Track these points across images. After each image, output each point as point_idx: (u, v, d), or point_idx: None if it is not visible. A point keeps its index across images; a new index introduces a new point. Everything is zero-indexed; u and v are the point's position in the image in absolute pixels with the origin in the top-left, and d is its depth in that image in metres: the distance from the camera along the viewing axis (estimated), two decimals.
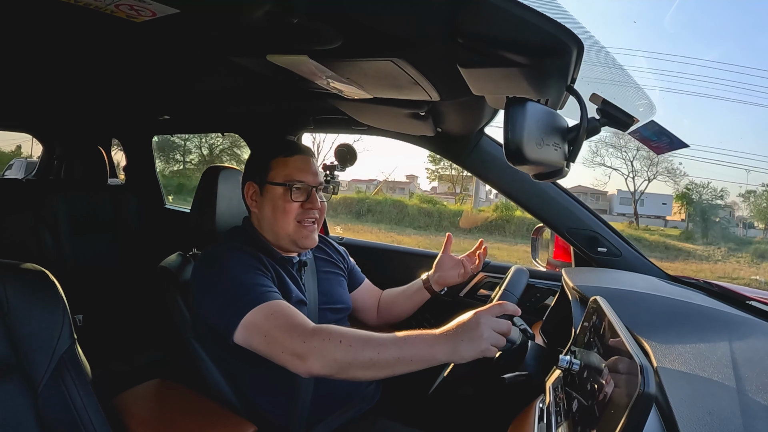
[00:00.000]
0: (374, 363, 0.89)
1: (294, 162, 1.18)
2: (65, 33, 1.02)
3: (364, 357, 0.89)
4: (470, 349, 0.85)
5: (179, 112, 2.17)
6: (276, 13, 0.72)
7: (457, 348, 0.86)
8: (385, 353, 0.89)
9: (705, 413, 0.64)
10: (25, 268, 0.93)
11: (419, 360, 0.88)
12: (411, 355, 0.88)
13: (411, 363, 0.89)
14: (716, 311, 1.02)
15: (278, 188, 1.16)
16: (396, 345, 0.89)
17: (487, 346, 0.85)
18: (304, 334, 0.94)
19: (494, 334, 0.86)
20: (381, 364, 0.89)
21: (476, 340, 0.85)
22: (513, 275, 1.13)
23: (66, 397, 0.88)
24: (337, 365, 0.90)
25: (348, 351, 0.90)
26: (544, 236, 1.80)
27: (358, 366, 0.90)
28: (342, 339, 0.91)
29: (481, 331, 0.85)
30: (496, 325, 0.86)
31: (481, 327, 0.86)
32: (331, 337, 0.92)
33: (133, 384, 1.12)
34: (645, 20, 26.12)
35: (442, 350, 0.87)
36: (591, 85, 0.79)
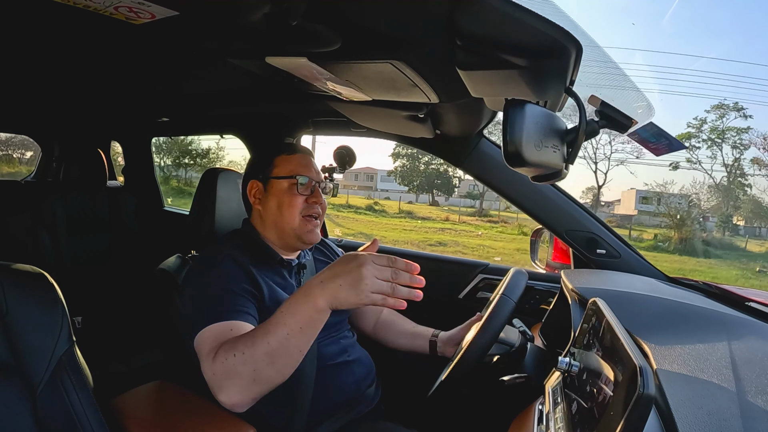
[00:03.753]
0: (273, 354, 0.83)
1: (297, 159, 1.21)
2: (64, 35, 1.02)
3: (260, 355, 0.83)
4: (350, 296, 0.78)
5: (178, 114, 2.17)
6: (275, 15, 0.72)
7: (336, 295, 0.80)
8: (274, 338, 0.83)
9: (704, 414, 0.64)
10: (24, 270, 0.92)
11: (307, 321, 0.82)
12: (297, 322, 0.82)
13: (303, 330, 0.82)
14: (715, 312, 1.02)
15: (283, 182, 1.18)
16: (280, 323, 0.83)
17: (367, 294, 0.77)
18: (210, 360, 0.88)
19: (377, 282, 0.78)
20: (279, 351, 0.83)
21: (356, 286, 0.78)
22: (512, 278, 1.13)
23: (64, 399, 0.88)
24: (249, 379, 0.84)
25: (247, 360, 0.84)
26: (543, 238, 1.81)
27: (263, 366, 0.83)
28: (236, 351, 0.85)
29: (362, 276, 0.77)
30: (380, 273, 0.78)
31: (362, 271, 0.78)
32: (231, 352, 0.85)
33: (131, 386, 1.12)
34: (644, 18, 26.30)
35: (323, 300, 0.80)
36: (590, 87, 0.80)
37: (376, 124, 1.58)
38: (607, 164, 20.09)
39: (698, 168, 18.75)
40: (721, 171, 18.55)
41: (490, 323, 1.02)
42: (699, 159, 18.49)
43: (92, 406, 0.91)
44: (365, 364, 1.25)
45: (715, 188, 18.57)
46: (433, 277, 1.81)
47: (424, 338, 1.37)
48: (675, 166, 18.62)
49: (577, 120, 0.74)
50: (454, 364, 1.04)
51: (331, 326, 1.22)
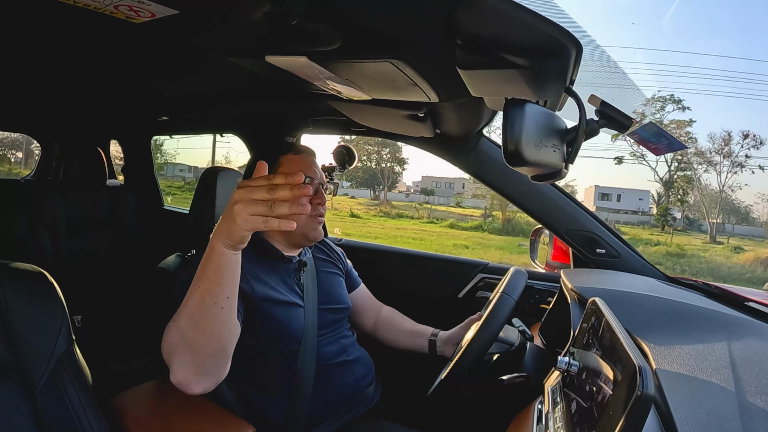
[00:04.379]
0: (193, 314, 0.81)
1: (303, 159, 1.22)
2: (64, 34, 1.02)
3: (184, 319, 0.82)
4: (231, 225, 0.75)
5: (177, 113, 2.17)
6: (275, 14, 0.72)
7: (221, 228, 0.77)
8: (191, 297, 0.81)
9: (704, 414, 0.64)
10: (24, 269, 0.92)
11: (211, 267, 0.79)
12: (204, 273, 0.80)
13: (211, 278, 0.80)
14: (715, 312, 1.02)
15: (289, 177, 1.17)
16: (194, 282, 0.82)
17: (245, 219, 0.74)
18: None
19: (251, 205, 0.74)
20: (197, 308, 0.80)
21: (231, 214, 0.75)
22: (511, 277, 1.13)
23: (64, 398, 0.88)
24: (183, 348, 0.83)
25: (175, 329, 0.83)
26: (542, 238, 1.81)
27: (188, 332, 0.81)
28: (169, 324, 0.84)
29: (234, 214, 0.75)
30: (254, 194, 0.74)
31: (234, 197, 0.76)
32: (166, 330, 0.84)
33: (131, 385, 1.12)
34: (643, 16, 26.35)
35: (215, 240, 0.78)
36: (590, 87, 0.80)
37: (375, 124, 1.57)
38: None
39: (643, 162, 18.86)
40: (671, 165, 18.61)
41: (490, 322, 1.02)
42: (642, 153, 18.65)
43: (92, 405, 0.91)
44: (364, 363, 1.25)
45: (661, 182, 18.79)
46: (433, 276, 1.83)
47: (424, 337, 1.37)
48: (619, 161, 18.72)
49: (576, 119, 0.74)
50: (453, 363, 1.04)
51: (330, 325, 1.22)
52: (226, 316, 0.82)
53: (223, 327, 0.83)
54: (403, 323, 1.44)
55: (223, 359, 0.87)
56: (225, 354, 0.87)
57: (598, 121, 0.78)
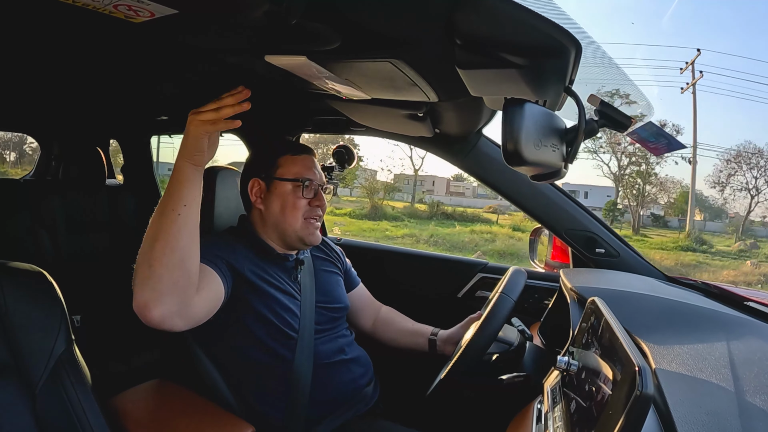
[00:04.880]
0: (154, 225, 0.88)
1: (303, 160, 1.21)
2: (63, 33, 1.02)
3: (146, 236, 0.89)
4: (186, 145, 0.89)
5: (177, 112, 2.16)
6: (274, 13, 0.72)
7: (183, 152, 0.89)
8: (157, 215, 0.88)
9: (703, 414, 0.64)
10: (23, 269, 0.92)
11: (172, 182, 0.89)
12: (170, 190, 0.88)
13: (171, 188, 0.89)
14: (714, 312, 1.02)
15: (288, 184, 1.18)
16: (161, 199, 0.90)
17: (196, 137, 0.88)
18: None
19: (201, 124, 0.88)
20: (155, 220, 0.88)
21: (187, 137, 0.89)
22: (510, 277, 1.13)
23: (64, 398, 0.88)
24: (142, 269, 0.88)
25: (140, 252, 0.89)
26: (542, 237, 1.81)
27: (150, 245, 0.88)
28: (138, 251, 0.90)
29: (188, 128, 0.88)
30: (203, 116, 0.88)
31: (188, 123, 0.89)
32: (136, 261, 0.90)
33: (131, 384, 1.12)
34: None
35: (179, 159, 0.89)
36: (589, 87, 0.80)
37: (375, 123, 1.57)
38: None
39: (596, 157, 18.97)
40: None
41: (489, 322, 1.02)
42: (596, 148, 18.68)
43: (91, 405, 0.91)
44: (363, 362, 1.25)
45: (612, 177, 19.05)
46: (432, 276, 1.83)
47: (424, 336, 1.37)
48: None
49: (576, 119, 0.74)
50: (452, 362, 1.04)
51: (328, 324, 1.22)
52: (184, 223, 0.88)
53: (180, 234, 0.87)
54: (403, 322, 1.44)
55: (182, 275, 0.88)
56: (185, 270, 0.89)
57: (597, 121, 0.78)
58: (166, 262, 0.86)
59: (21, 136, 16.82)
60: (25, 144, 18.18)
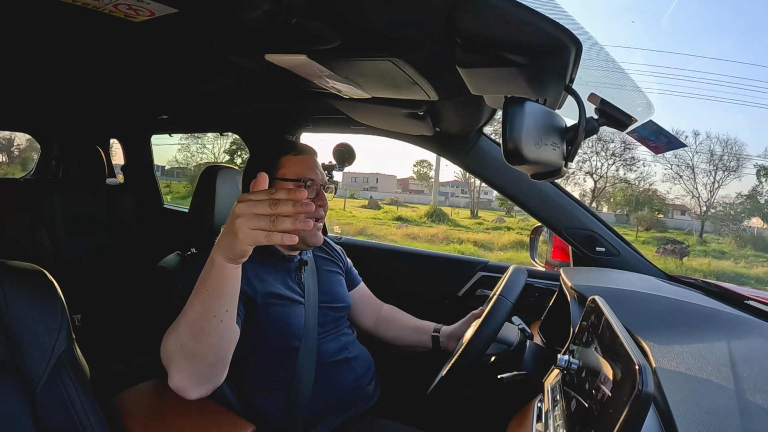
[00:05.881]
0: (193, 325, 0.81)
1: (304, 160, 1.20)
2: (63, 32, 1.02)
3: (183, 329, 0.82)
4: (233, 240, 0.74)
5: (177, 111, 2.17)
6: (274, 12, 0.72)
7: (222, 243, 0.77)
8: (191, 308, 0.81)
9: (703, 412, 0.64)
10: (24, 268, 0.92)
11: (211, 281, 0.79)
12: (204, 286, 0.80)
13: (210, 291, 0.79)
14: (714, 311, 1.02)
15: (289, 184, 1.17)
16: (194, 293, 0.81)
17: (246, 233, 0.72)
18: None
19: (253, 219, 0.72)
20: (196, 320, 0.81)
21: (233, 228, 0.73)
22: (510, 276, 1.13)
23: (64, 397, 0.88)
24: (180, 356, 0.84)
25: (175, 337, 0.83)
26: (542, 236, 1.81)
27: (187, 341, 0.82)
28: (170, 330, 0.84)
29: (236, 229, 0.73)
30: (255, 208, 0.73)
31: (234, 211, 0.74)
32: (165, 336, 0.85)
33: (131, 384, 1.12)
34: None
35: (216, 254, 0.78)
36: (589, 85, 0.80)
37: (375, 122, 1.57)
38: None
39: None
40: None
41: (487, 324, 1.03)
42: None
43: (91, 404, 0.91)
44: (365, 361, 1.25)
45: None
46: (433, 274, 1.83)
47: (427, 333, 1.37)
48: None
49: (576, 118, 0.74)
50: (452, 362, 1.04)
51: (330, 323, 1.22)
52: (225, 328, 0.82)
53: (221, 338, 0.83)
54: (405, 320, 1.44)
55: (220, 368, 0.88)
56: (222, 363, 0.88)
57: (597, 120, 0.78)
58: (208, 362, 0.85)
59: (9, 138, 16.71)
60: (13, 145, 18.03)
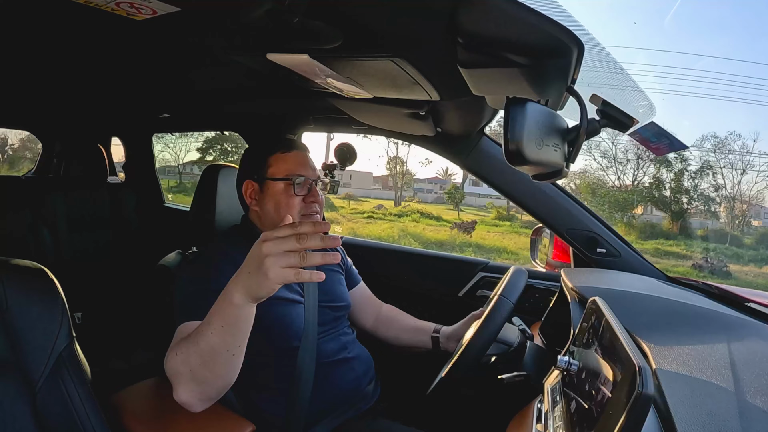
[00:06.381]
0: (203, 354, 0.82)
1: (293, 157, 1.19)
2: (65, 31, 1.02)
3: (193, 355, 0.84)
4: (261, 280, 0.73)
5: (179, 110, 2.17)
6: (276, 11, 0.72)
7: (248, 284, 0.76)
8: (202, 338, 0.82)
9: (703, 414, 0.64)
10: (24, 266, 0.92)
11: (227, 318, 0.79)
12: (217, 320, 0.80)
13: (225, 328, 0.80)
14: (715, 313, 1.02)
15: (279, 183, 1.16)
16: (206, 323, 0.82)
17: (277, 273, 0.72)
18: (166, 359, 0.90)
19: (282, 257, 0.72)
20: (207, 351, 0.82)
21: (261, 268, 0.73)
22: (511, 277, 1.12)
23: (64, 395, 0.88)
24: (188, 380, 0.86)
25: (184, 361, 0.85)
26: (543, 237, 1.81)
27: (197, 366, 0.84)
28: (178, 352, 0.86)
29: (265, 269, 0.72)
30: (283, 245, 0.72)
31: (262, 249, 0.73)
32: (175, 352, 0.87)
33: (131, 382, 1.12)
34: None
35: (237, 294, 0.77)
36: (591, 86, 0.79)
37: (376, 122, 1.57)
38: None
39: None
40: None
41: (488, 325, 1.02)
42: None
43: (92, 402, 0.91)
44: (364, 361, 1.25)
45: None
46: (433, 275, 1.83)
47: (426, 333, 1.37)
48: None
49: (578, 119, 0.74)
50: (452, 363, 1.04)
51: (330, 323, 1.22)
52: (237, 361, 0.85)
53: (232, 369, 0.87)
54: (405, 320, 1.44)
55: (226, 388, 0.91)
56: (230, 385, 0.91)
57: (599, 121, 0.78)
58: (216, 386, 0.88)
59: (2, 138, 16.68)
60: (6, 146, 17.98)
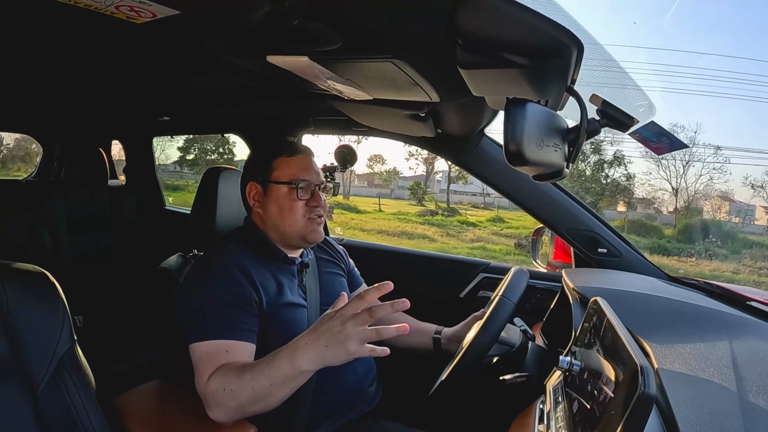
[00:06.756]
0: (257, 397, 0.91)
1: (297, 161, 1.19)
2: (65, 34, 1.02)
3: (244, 395, 0.91)
4: (337, 354, 0.84)
5: (179, 113, 2.17)
6: (276, 14, 0.72)
7: (322, 356, 0.85)
8: (258, 385, 0.90)
9: (705, 414, 0.64)
10: (25, 269, 0.92)
11: (290, 378, 0.89)
12: (280, 377, 0.89)
13: (285, 383, 0.89)
14: (716, 312, 1.02)
15: (283, 187, 1.16)
16: (264, 373, 0.90)
17: (357, 347, 0.83)
18: (204, 382, 0.96)
19: (362, 333, 0.82)
20: (261, 396, 0.91)
21: (341, 343, 0.83)
22: (512, 278, 1.12)
23: (66, 398, 0.88)
24: (233, 411, 0.94)
25: (233, 396, 0.92)
26: (544, 237, 1.81)
27: (247, 404, 0.92)
28: (225, 386, 0.93)
29: (346, 333, 0.82)
30: (360, 322, 0.83)
31: (345, 329, 0.83)
32: (221, 384, 0.93)
33: (133, 385, 1.12)
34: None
35: (308, 363, 0.87)
36: (591, 86, 0.79)
37: (377, 123, 1.57)
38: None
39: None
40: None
41: (490, 325, 1.02)
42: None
43: (93, 405, 0.91)
44: (366, 362, 1.24)
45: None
46: (434, 276, 1.82)
47: (428, 335, 1.37)
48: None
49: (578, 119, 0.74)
50: (454, 363, 1.04)
51: None
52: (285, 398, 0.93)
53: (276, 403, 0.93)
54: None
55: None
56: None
57: (599, 121, 0.78)
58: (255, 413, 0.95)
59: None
60: (1, 145, 17.93)
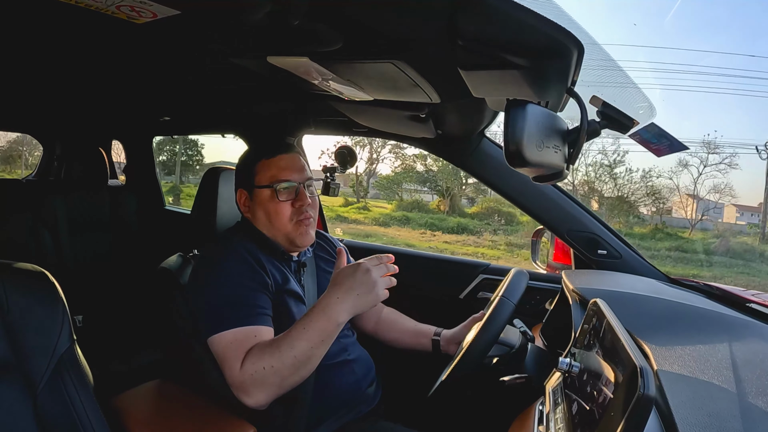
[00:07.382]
0: (299, 365, 0.95)
1: (277, 162, 1.17)
2: (66, 34, 1.03)
3: (287, 367, 0.95)
4: (370, 299, 0.95)
5: (180, 113, 2.17)
6: (277, 14, 0.72)
7: (355, 305, 0.95)
8: (300, 351, 0.94)
9: (705, 415, 0.64)
10: (25, 269, 0.92)
11: (328, 334, 0.95)
12: (318, 336, 0.94)
13: (324, 341, 0.95)
14: (716, 314, 1.02)
15: (265, 191, 1.16)
16: (302, 338, 0.95)
17: (383, 293, 0.96)
18: (237, 369, 0.98)
19: (384, 280, 0.96)
20: (303, 361, 0.95)
21: (372, 290, 0.95)
22: (512, 279, 1.12)
23: (65, 397, 0.88)
24: (276, 387, 0.96)
25: (275, 372, 0.95)
26: (543, 238, 1.81)
27: (289, 374, 0.95)
28: (265, 364, 0.95)
29: (374, 279, 0.94)
30: (381, 271, 0.97)
31: (372, 277, 0.95)
32: (259, 364, 0.96)
33: (132, 385, 1.12)
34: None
35: (344, 314, 0.95)
36: (591, 88, 0.80)
37: (377, 124, 1.57)
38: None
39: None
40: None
41: (490, 326, 1.02)
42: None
43: (93, 405, 0.91)
44: (365, 363, 1.24)
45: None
46: (434, 277, 1.82)
47: (427, 336, 1.36)
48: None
49: (578, 120, 0.74)
50: (453, 365, 1.04)
51: None
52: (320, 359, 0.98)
53: (314, 366, 0.98)
54: (406, 323, 1.43)
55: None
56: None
57: (599, 122, 0.78)
58: (296, 385, 0.99)
59: None
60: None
